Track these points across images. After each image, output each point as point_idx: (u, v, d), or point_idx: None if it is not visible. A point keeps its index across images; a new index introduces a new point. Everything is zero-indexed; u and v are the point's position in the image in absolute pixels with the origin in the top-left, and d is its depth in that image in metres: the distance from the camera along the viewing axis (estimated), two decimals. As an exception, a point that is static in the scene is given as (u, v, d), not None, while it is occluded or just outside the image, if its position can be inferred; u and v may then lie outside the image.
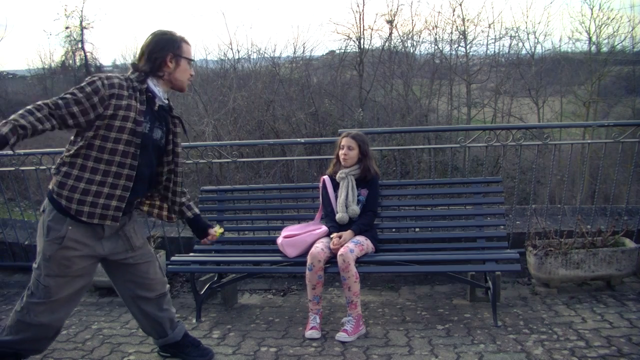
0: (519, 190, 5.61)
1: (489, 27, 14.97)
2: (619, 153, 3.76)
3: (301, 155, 9.11)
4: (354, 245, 3.02)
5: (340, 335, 2.91)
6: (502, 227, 3.38)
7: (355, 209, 3.20)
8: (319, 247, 3.05)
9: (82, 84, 2.15)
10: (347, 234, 3.12)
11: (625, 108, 13.90)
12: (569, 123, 12.41)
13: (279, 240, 3.23)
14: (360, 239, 3.12)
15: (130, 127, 2.19)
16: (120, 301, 3.73)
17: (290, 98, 12.30)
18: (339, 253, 2.97)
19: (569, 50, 15.34)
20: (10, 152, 2.07)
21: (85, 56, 19.38)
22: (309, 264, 3.00)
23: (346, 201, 3.22)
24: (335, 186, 3.29)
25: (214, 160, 4.57)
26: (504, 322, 3.00)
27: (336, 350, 2.81)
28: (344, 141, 3.26)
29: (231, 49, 14.30)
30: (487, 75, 15.04)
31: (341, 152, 3.26)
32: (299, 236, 3.19)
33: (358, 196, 3.24)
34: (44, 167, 4.27)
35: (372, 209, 3.27)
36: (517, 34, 14.65)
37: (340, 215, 3.21)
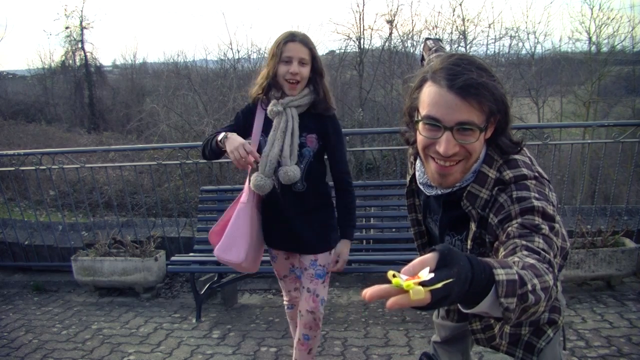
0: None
1: (489, 27, 14.85)
2: (619, 153, 3.76)
3: (301, 155, 9.10)
4: (322, 287, 2.08)
5: None
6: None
7: (294, 171, 1.93)
8: (293, 293, 2.34)
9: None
10: (344, 249, 2.08)
11: (625, 108, 13.89)
12: (569, 123, 12.38)
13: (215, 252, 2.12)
14: (323, 261, 2.08)
15: None
16: (121, 301, 3.78)
17: (290, 98, 12.32)
18: (308, 309, 2.06)
19: (569, 50, 15.27)
20: (10, 152, 1.97)
21: (85, 56, 19.32)
22: (288, 304, 2.38)
23: (279, 155, 1.93)
24: (267, 125, 1.98)
25: (214, 160, 4.57)
26: (504, 322, 3.00)
27: (336, 350, 2.81)
28: (293, 48, 1.87)
29: (231, 49, 14.28)
30: (487, 75, 15.01)
31: (287, 68, 1.87)
32: (225, 235, 2.09)
33: (303, 148, 1.98)
34: (44, 167, 4.27)
35: (343, 170, 2.05)
36: (517, 34, 14.54)
37: (260, 181, 1.95)
